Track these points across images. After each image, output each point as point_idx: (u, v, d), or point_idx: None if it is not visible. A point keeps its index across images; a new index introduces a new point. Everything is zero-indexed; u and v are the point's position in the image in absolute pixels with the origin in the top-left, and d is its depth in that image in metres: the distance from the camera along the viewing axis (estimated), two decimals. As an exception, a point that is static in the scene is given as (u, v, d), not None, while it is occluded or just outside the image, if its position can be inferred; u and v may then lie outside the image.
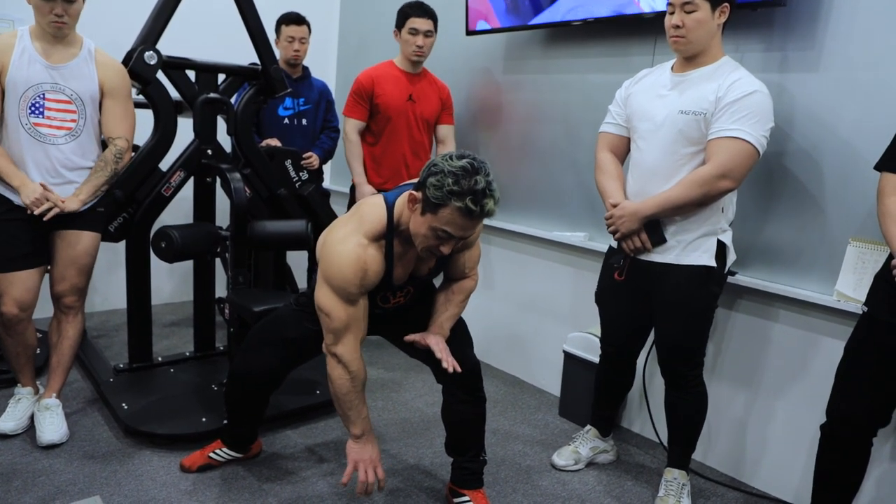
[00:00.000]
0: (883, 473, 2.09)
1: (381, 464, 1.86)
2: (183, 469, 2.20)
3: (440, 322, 1.95)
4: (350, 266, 1.68)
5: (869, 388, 1.79)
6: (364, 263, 1.69)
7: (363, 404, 1.83)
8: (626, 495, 2.29)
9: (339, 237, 1.73)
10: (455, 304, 1.98)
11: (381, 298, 1.89)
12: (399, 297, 1.94)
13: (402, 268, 1.83)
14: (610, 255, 2.25)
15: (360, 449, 1.84)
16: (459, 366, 1.87)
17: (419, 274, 1.90)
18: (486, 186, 1.57)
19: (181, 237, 2.47)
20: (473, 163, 1.59)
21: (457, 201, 1.56)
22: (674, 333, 2.11)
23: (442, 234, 1.62)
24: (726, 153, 1.91)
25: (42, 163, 2.19)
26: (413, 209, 1.67)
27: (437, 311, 1.97)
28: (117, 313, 3.69)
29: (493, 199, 1.59)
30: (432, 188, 1.57)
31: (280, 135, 3.35)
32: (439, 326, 1.94)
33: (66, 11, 2.13)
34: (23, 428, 2.33)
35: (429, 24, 3.00)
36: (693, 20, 1.93)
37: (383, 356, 3.37)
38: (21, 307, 2.21)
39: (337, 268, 1.69)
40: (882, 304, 1.77)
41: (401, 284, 1.88)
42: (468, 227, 1.63)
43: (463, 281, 2.00)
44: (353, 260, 1.68)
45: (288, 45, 3.32)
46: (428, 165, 1.63)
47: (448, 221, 1.59)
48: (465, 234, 1.64)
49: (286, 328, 1.99)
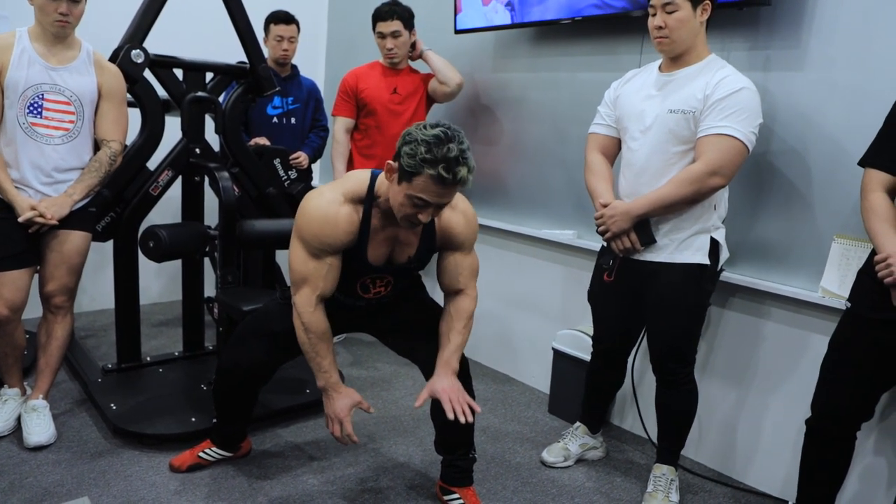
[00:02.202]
0: (866, 467, 2.11)
1: (349, 418, 1.83)
2: (172, 469, 2.19)
3: (446, 359, 1.87)
4: (319, 218, 1.71)
5: (853, 383, 1.82)
6: (335, 218, 1.71)
7: (323, 358, 1.82)
8: (616, 491, 2.31)
9: (317, 192, 1.76)
10: (457, 332, 1.90)
11: (361, 286, 1.87)
12: (380, 287, 1.91)
13: (378, 245, 1.81)
14: (601, 255, 2.26)
15: (327, 403, 1.86)
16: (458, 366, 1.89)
17: (398, 260, 1.87)
18: (459, 154, 1.57)
19: (169, 236, 2.46)
20: (447, 131, 1.59)
21: (430, 169, 1.56)
22: (667, 332, 2.11)
23: (418, 201, 1.62)
24: (716, 150, 1.93)
25: (37, 162, 2.19)
26: (391, 179, 1.67)
27: (441, 345, 1.90)
28: (105, 313, 3.67)
29: (467, 167, 1.59)
30: (406, 157, 1.59)
31: (269, 133, 3.34)
32: (446, 364, 1.86)
33: (70, 11, 2.14)
34: (10, 429, 2.32)
35: (394, 26, 3.03)
36: (675, 20, 1.94)
37: (372, 355, 3.37)
38: (11, 308, 2.19)
39: (307, 218, 1.72)
40: (865, 299, 1.79)
41: (378, 267, 1.85)
42: (444, 195, 1.63)
43: (459, 301, 1.92)
44: (323, 212, 1.71)
45: (276, 44, 3.31)
46: (403, 135, 1.64)
47: (423, 189, 1.60)
48: (441, 201, 1.64)
49: (272, 322, 1.99)
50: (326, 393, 1.85)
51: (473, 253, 1.95)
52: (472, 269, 1.94)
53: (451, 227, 1.85)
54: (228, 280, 2.53)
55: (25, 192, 2.19)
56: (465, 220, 1.87)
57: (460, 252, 1.91)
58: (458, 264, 1.91)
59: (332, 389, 1.84)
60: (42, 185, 2.21)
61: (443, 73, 3.08)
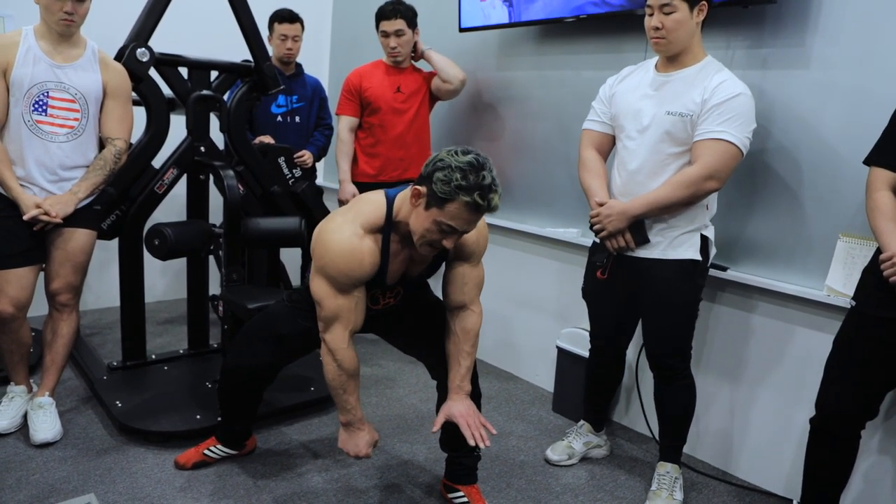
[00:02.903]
0: (871, 466, 2.11)
1: (370, 452, 1.85)
2: (177, 466, 2.20)
3: (458, 383, 1.86)
4: (344, 256, 1.66)
5: (858, 382, 1.81)
6: (360, 254, 1.67)
7: (350, 395, 1.81)
8: (620, 489, 2.31)
9: (336, 226, 1.70)
10: (466, 354, 1.87)
11: (371, 299, 1.86)
12: (389, 299, 1.93)
13: (395, 266, 1.82)
14: (593, 252, 2.27)
15: (345, 438, 1.86)
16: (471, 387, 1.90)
17: (410, 275, 1.88)
18: (492, 181, 1.58)
19: (174, 235, 2.47)
20: (479, 157, 1.59)
21: (465, 196, 1.55)
22: (663, 327, 2.13)
23: (447, 227, 1.61)
24: (712, 154, 1.94)
25: (42, 160, 2.20)
26: (416, 204, 1.65)
27: (451, 369, 1.88)
28: (111, 311, 3.68)
29: (498, 195, 1.60)
30: (440, 183, 1.57)
31: (273, 132, 3.34)
32: (458, 389, 1.86)
33: (75, 10, 2.15)
34: (16, 426, 2.33)
35: (398, 24, 3.03)
36: (672, 21, 1.95)
37: (377, 352, 3.38)
38: (16, 306, 2.20)
39: (331, 257, 1.67)
40: (870, 298, 1.78)
41: (392, 285, 1.87)
42: (473, 222, 1.63)
43: (465, 319, 1.88)
44: (348, 250, 1.66)
45: (281, 42, 3.32)
46: (433, 160, 1.62)
47: (454, 216, 1.59)
48: (469, 228, 1.64)
49: (278, 324, 1.99)
50: (350, 427, 1.85)
51: (481, 266, 1.92)
52: (478, 282, 1.92)
53: (464, 239, 1.80)
54: (233, 278, 2.53)
55: (30, 189, 2.20)
56: (478, 233, 1.83)
57: (469, 263, 1.88)
58: (465, 275, 1.87)
59: (356, 426, 1.85)
60: (47, 183, 2.22)
61: (445, 70, 3.08)
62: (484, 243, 1.89)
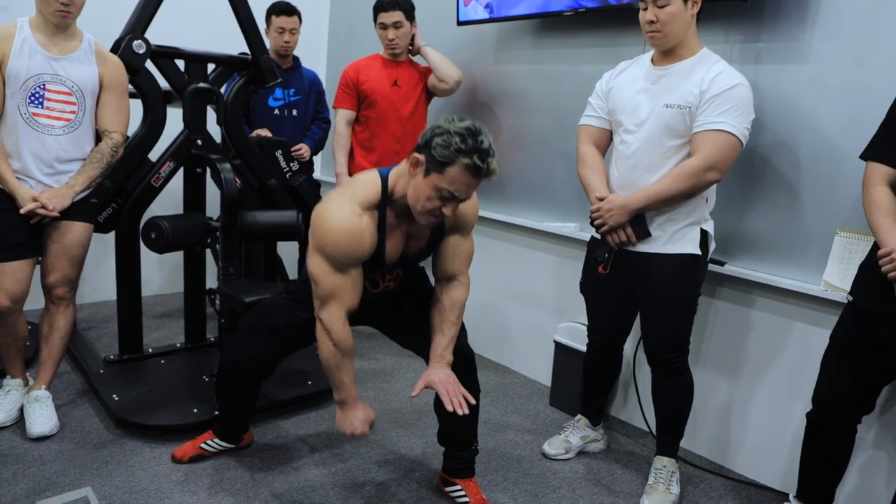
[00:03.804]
0: (866, 460, 2.12)
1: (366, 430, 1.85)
2: (174, 460, 2.20)
3: (440, 352, 1.86)
4: (345, 234, 1.67)
5: (854, 376, 1.82)
6: (360, 232, 1.68)
7: (345, 373, 1.81)
8: (617, 483, 2.32)
9: (335, 206, 1.70)
10: (451, 323, 1.88)
11: (371, 282, 1.87)
12: (388, 282, 1.92)
13: (393, 243, 1.81)
14: (593, 247, 2.27)
15: (341, 416, 1.86)
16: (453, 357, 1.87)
17: (409, 253, 1.88)
18: (489, 146, 1.62)
19: (171, 228, 2.46)
20: (475, 124, 1.63)
21: (465, 158, 1.58)
22: (661, 321, 2.13)
23: (447, 193, 1.62)
24: (712, 146, 1.94)
25: (38, 153, 2.19)
26: (414, 173, 1.66)
27: (434, 337, 1.88)
28: (107, 304, 3.68)
29: (495, 160, 1.63)
30: (439, 147, 1.59)
31: (270, 125, 3.34)
32: (440, 357, 1.85)
33: (71, 1, 2.13)
34: (12, 420, 2.33)
35: (396, 16, 3.02)
36: (667, 14, 1.94)
37: (374, 346, 3.38)
38: (12, 299, 2.20)
39: (331, 236, 1.67)
40: (866, 293, 1.79)
41: (391, 266, 1.86)
42: (472, 186, 1.65)
43: (452, 290, 1.90)
44: (348, 228, 1.67)
45: (278, 35, 3.30)
46: (430, 128, 1.65)
47: (454, 180, 1.61)
48: (468, 194, 1.66)
49: (276, 317, 1.99)
50: (344, 405, 1.85)
51: (471, 238, 1.94)
52: (468, 253, 1.94)
53: (461, 209, 1.80)
54: (230, 271, 2.53)
55: (27, 182, 2.19)
56: (472, 204, 1.86)
57: (460, 234, 1.90)
58: (456, 247, 1.90)
59: (350, 404, 1.84)
60: (43, 176, 2.21)
61: (441, 69, 3.07)
62: (476, 213, 1.92)
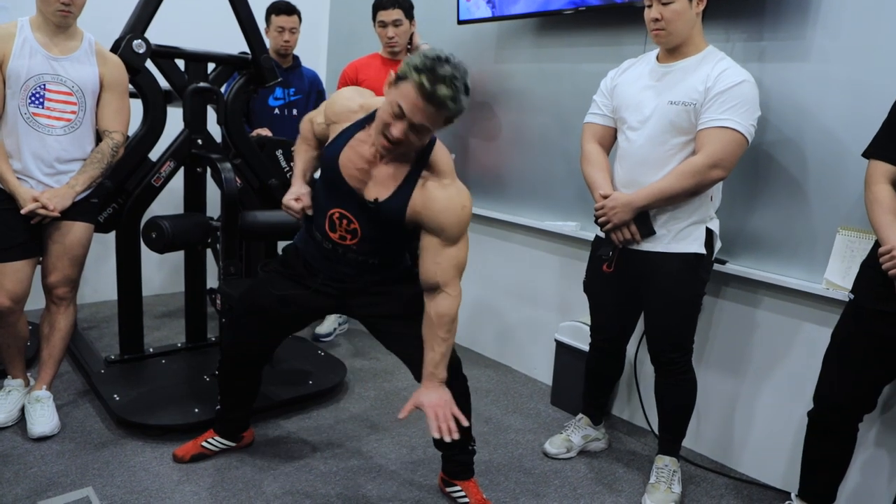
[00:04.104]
0: (868, 458, 2.12)
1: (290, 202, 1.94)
2: (175, 459, 2.20)
3: (431, 371, 1.80)
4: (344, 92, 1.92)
5: (855, 375, 1.82)
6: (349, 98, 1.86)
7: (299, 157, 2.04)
8: (618, 483, 2.31)
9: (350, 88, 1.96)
10: (440, 340, 1.80)
11: (329, 223, 1.83)
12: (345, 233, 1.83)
13: (353, 160, 1.76)
14: (597, 246, 2.26)
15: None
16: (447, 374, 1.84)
17: (366, 196, 1.77)
18: (450, 76, 1.56)
19: (172, 227, 2.46)
20: (452, 57, 1.59)
21: (416, 75, 1.56)
22: (665, 320, 2.12)
23: (396, 108, 1.61)
24: (717, 143, 1.93)
25: (39, 153, 2.18)
26: (386, 92, 1.68)
27: (425, 355, 1.82)
28: (108, 304, 3.67)
29: (452, 90, 1.56)
30: (403, 64, 1.61)
31: (270, 125, 3.33)
32: (431, 376, 1.80)
33: (72, 0, 2.13)
34: (13, 420, 2.32)
35: (395, 14, 3.02)
36: (671, 12, 1.93)
37: (374, 346, 3.37)
38: (13, 299, 2.19)
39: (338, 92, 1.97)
40: (868, 291, 1.79)
41: (347, 189, 1.78)
42: (420, 109, 1.58)
43: (438, 302, 1.79)
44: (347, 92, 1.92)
45: (278, 35, 3.30)
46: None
47: (404, 95, 1.59)
48: (414, 118, 1.60)
49: (258, 297, 2.03)
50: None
51: (459, 247, 1.78)
52: (454, 262, 1.78)
53: (430, 200, 1.74)
54: (231, 271, 2.52)
55: (27, 182, 2.19)
56: (448, 203, 1.75)
57: (439, 238, 1.76)
58: (437, 252, 1.76)
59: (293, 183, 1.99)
60: (44, 176, 2.21)
61: None
62: (457, 219, 1.75)
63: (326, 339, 3.46)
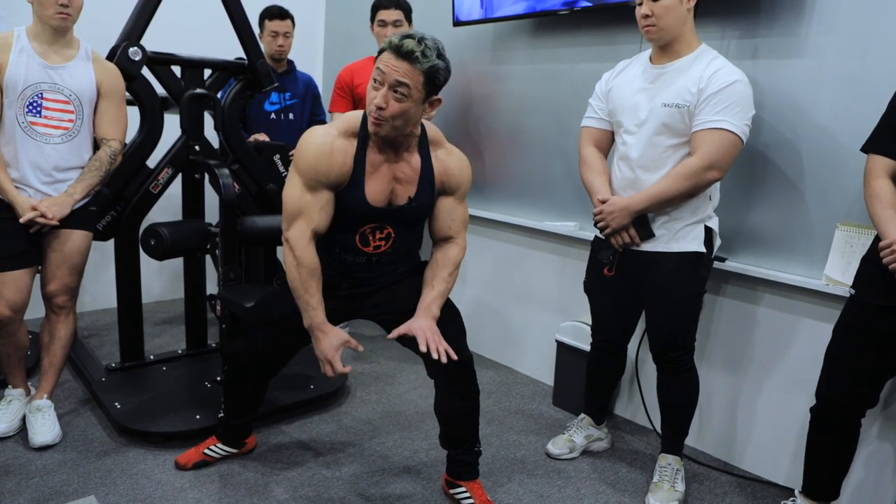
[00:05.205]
0: (871, 453, 2.12)
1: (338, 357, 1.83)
2: (178, 467, 2.19)
3: (427, 304, 1.88)
4: (315, 148, 1.76)
5: (857, 370, 1.82)
6: (330, 149, 1.76)
7: (311, 295, 1.83)
8: (621, 482, 2.31)
9: (313, 130, 1.82)
10: (442, 279, 1.91)
11: (361, 239, 1.87)
12: (379, 241, 1.89)
13: (376, 182, 1.81)
14: (597, 247, 2.26)
15: (316, 344, 1.87)
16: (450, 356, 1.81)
17: (398, 202, 1.86)
18: (419, 37, 1.66)
19: (170, 234, 2.46)
20: (425, 35, 1.68)
21: (386, 43, 1.68)
22: (666, 319, 2.12)
23: (377, 75, 1.68)
24: (712, 144, 1.93)
25: (36, 161, 2.18)
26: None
27: (424, 290, 1.91)
28: (108, 312, 3.67)
29: (422, 46, 1.65)
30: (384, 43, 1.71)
31: (267, 129, 3.33)
32: (426, 309, 1.87)
33: (70, 3, 2.13)
34: (15, 430, 2.32)
35: (396, 15, 3.03)
36: (661, 7, 1.94)
37: (376, 350, 3.37)
38: (13, 308, 2.19)
39: (302, 151, 1.78)
40: (868, 286, 1.79)
41: (378, 210, 1.83)
42: (394, 68, 1.66)
43: (448, 248, 1.96)
44: (319, 144, 1.77)
45: (272, 39, 3.30)
46: None
47: (381, 60, 1.68)
48: (391, 75, 1.66)
49: (271, 310, 2.02)
50: (313, 333, 1.86)
51: (465, 204, 1.99)
52: (463, 218, 1.99)
53: (448, 168, 1.90)
54: (230, 277, 2.52)
55: (25, 191, 2.19)
56: (461, 164, 1.93)
57: (454, 197, 1.94)
58: (452, 210, 1.94)
59: (318, 329, 1.84)
60: (42, 185, 2.20)
61: None
62: (468, 177, 1.96)
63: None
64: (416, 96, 1.69)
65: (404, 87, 1.67)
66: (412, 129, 1.80)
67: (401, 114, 1.70)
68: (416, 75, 1.67)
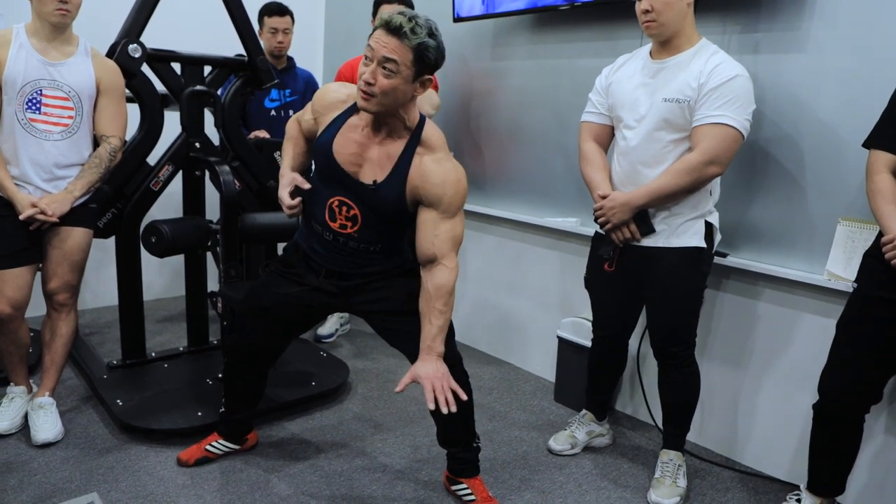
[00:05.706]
0: (877, 449, 2.11)
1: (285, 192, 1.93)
2: (180, 463, 2.20)
3: (429, 343, 1.79)
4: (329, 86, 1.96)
5: (860, 366, 1.81)
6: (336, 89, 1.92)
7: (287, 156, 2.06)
8: (623, 478, 2.31)
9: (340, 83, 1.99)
10: (438, 312, 1.79)
11: (329, 213, 1.85)
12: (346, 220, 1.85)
13: (347, 144, 1.81)
14: (597, 243, 2.26)
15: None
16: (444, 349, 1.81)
17: (363, 179, 1.80)
18: (410, 15, 1.66)
19: (171, 232, 2.45)
20: (420, 14, 1.69)
21: (379, 21, 1.68)
22: (667, 315, 2.12)
23: (368, 52, 1.68)
24: (712, 139, 1.93)
25: (36, 158, 2.18)
26: None
27: (423, 326, 1.81)
28: (109, 310, 3.67)
29: (412, 23, 1.65)
30: None
31: (267, 126, 3.33)
32: (429, 349, 1.79)
33: None
34: (17, 427, 2.32)
35: (399, 8, 3.00)
36: (661, 3, 1.93)
37: (376, 346, 3.37)
38: (14, 306, 2.19)
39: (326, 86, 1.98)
40: (871, 280, 1.78)
41: (343, 173, 1.81)
42: (383, 43, 1.65)
43: (435, 273, 1.80)
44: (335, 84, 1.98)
45: (271, 36, 3.30)
46: None
47: (372, 37, 1.68)
48: (382, 52, 1.65)
49: (260, 298, 2.04)
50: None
51: (456, 221, 1.81)
52: (451, 235, 1.80)
53: (426, 174, 1.77)
54: (231, 274, 2.52)
55: (25, 188, 2.18)
56: (445, 175, 1.77)
57: (436, 210, 1.78)
58: (435, 225, 1.78)
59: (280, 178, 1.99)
60: (42, 182, 2.20)
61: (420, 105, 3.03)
62: (453, 191, 1.78)
63: (328, 340, 3.46)
64: (406, 73, 1.67)
65: (392, 62, 1.65)
66: (402, 111, 1.76)
67: (390, 90, 1.68)
68: (405, 52, 1.65)
